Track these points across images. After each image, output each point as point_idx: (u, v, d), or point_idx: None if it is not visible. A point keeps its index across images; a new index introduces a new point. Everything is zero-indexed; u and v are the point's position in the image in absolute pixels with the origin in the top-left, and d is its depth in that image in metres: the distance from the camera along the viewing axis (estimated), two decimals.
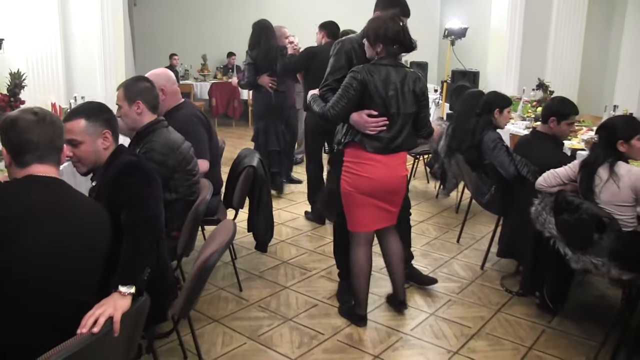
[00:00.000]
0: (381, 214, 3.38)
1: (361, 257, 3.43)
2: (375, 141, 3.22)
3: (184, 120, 3.65)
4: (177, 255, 3.07)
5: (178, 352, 3.11)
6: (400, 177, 3.35)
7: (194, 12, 11.94)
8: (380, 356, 3.15)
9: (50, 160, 2.03)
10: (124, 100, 3.06)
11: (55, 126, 2.04)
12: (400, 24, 3.16)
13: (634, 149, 3.15)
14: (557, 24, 7.43)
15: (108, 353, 1.88)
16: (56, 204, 1.96)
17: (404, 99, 3.20)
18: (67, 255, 1.91)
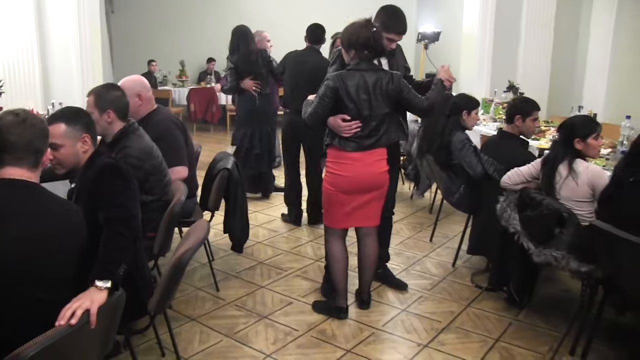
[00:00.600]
0: (361, 212, 3.52)
1: (337, 250, 3.60)
2: (351, 142, 3.38)
3: (162, 126, 3.73)
4: (153, 255, 3.15)
5: (156, 350, 3.20)
6: (378, 173, 3.46)
7: (172, 18, 11.99)
8: (353, 351, 3.26)
9: (26, 163, 2.07)
10: (94, 107, 3.07)
11: (35, 128, 2.09)
12: (371, 30, 3.30)
13: (590, 148, 3.30)
14: (526, 28, 7.61)
15: (85, 345, 1.97)
16: (28, 207, 2.01)
17: (377, 101, 3.34)
18: (42, 256, 1.97)
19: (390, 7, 3.65)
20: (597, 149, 3.35)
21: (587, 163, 3.29)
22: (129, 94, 3.56)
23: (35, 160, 2.11)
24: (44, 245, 1.98)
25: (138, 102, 3.73)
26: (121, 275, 2.09)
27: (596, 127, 3.33)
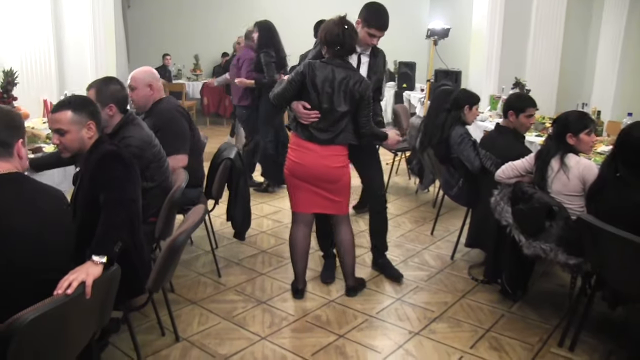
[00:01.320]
0: (319, 200, 3.68)
1: (297, 234, 3.82)
2: (306, 130, 3.56)
3: (167, 114, 3.86)
4: (155, 239, 3.27)
5: (156, 330, 3.33)
6: (332, 167, 3.58)
7: (187, 13, 12.15)
8: (345, 336, 3.36)
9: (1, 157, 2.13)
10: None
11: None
12: (342, 28, 3.41)
13: (582, 143, 3.36)
14: (536, 25, 7.64)
15: (82, 315, 2.10)
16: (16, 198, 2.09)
17: (338, 97, 3.46)
18: (38, 241, 2.08)
19: (373, 4, 3.72)
20: (589, 144, 3.41)
21: (579, 157, 3.35)
22: (140, 85, 3.83)
23: (3, 151, 2.14)
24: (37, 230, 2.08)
25: (150, 92, 3.89)
26: (117, 252, 2.22)
27: (589, 123, 3.39)
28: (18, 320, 1.74)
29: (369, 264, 4.40)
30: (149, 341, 3.23)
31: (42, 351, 1.94)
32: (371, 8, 3.69)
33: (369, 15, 3.67)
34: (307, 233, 3.83)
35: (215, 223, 5.10)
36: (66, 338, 2.07)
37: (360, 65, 3.81)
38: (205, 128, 10.51)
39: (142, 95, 3.88)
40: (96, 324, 2.27)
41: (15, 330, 1.73)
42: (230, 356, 3.13)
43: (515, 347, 3.26)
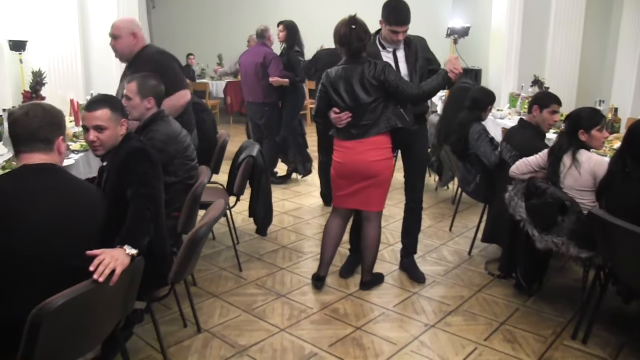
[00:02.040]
0: (354, 197, 3.78)
1: (332, 224, 3.97)
2: (342, 131, 3.69)
3: (156, 57, 3.94)
4: (177, 233, 3.40)
5: (179, 321, 3.46)
6: (370, 161, 3.64)
7: (211, 13, 12.32)
8: (362, 328, 3.45)
9: (37, 149, 2.26)
10: (137, 94, 3.35)
11: (38, 119, 2.27)
12: (350, 28, 3.50)
13: (594, 139, 3.42)
14: (555, 23, 7.65)
15: (107, 302, 2.22)
16: (51, 187, 2.25)
17: (359, 91, 3.56)
18: (67, 230, 2.22)
19: (390, 2, 3.76)
20: (600, 140, 3.46)
21: (590, 153, 3.40)
22: (123, 34, 3.89)
23: (44, 147, 2.28)
24: (68, 220, 2.22)
25: (133, 41, 3.92)
26: (144, 245, 2.34)
27: (600, 119, 3.44)
28: (47, 305, 1.85)
29: (387, 259, 4.50)
30: (171, 332, 3.36)
31: (69, 335, 2.06)
32: (388, 6, 3.74)
33: (387, 13, 3.73)
34: (342, 224, 3.98)
35: (237, 219, 5.22)
36: (91, 324, 2.19)
37: (398, 61, 3.84)
38: (228, 127, 10.67)
39: (125, 44, 3.90)
40: (120, 313, 2.39)
41: (44, 315, 1.84)
42: (250, 347, 3.24)
43: (528, 340, 3.32)
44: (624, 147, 3.07)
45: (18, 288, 2.14)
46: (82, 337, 2.16)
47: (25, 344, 1.85)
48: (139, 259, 2.29)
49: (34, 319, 1.83)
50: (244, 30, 11.95)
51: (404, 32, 3.75)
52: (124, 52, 3.94)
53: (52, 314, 1.85)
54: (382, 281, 4.10)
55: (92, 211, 2.34)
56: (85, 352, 2.31)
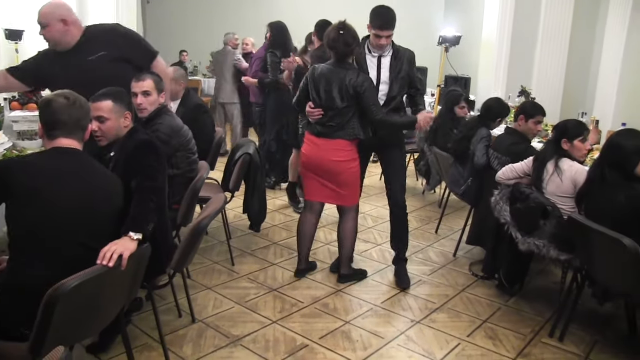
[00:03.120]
0: (325, 190, 3.98)
1: (304, 220, 4.19)
2: (313, 126, 3.94)
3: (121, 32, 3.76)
4: (176, 225, 3.52)
5: (174, 311, 3.58)
6: (333, 160, 3.86)
7: (205, 10, 12.39)
8: (351, 322, 3.60)
9: (75, 136, 2.48)
10: (154, 89, 3.52)
11: (83, 109, 2.51)
12: (338, 33, 3.69)
13: (575, 149, 3.60)
14: (543, 36, 7.87)
15: (116, 284, 2.36)
16: (75, 169, 2.43)
17: (335, 95, 3.75)
18: (86, 210, 2.36)
19: (376, 7, 3.84)
20: (582, 150, 3.64)
21: (572, 162, 3.58)
22: (51, 21, 3.47)
23: (82, 135, 2.52)
24: (91, 199, 2.38)
25: (63, 27, 3.49)
26: (149, 231, 2.47)
27: (583, 132, 3.63)
28: (63, 286, 1.98)
29: (375, 258, 4.66)
30: (167, 321, 3.48)
31: (80, 316, 2.20)
32: (373, 11, 3.85)
33: (372, 17, 3.84)
34: (312, 220, 4.18)
35: (230, 215, 5.35)
36: (101, 306, 2.33)
37: (381, 67, 3.91)
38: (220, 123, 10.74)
39: (55, 32, 3.49)
40: (125, 298, 2.52)
41: (60, 295, 1.97)
42: (243, 337, 3.37)
43: (509, 337, 3.49)
44: (603, 156, 3.25)
45: (35, 262, 2.27)
46: (92, 318, 2.29)
47: (39, 323, 1.98)
48: (146, 246, 2.43)
49: (50, 298, 1.96)
50: (238, 29, 12.02)
51: (388, 37, 3.81)
52: (57, 40, 3.52)
53: (67, 295, 1.98)
54: (363, 277, 4.25)
55: (110, 196, 2.49)
56: (93, 333, 2.46)
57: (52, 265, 2.24)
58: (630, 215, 2.97)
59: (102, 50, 3.56)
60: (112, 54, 3.58)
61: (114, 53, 3.59)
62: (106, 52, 3.57)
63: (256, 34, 6.55)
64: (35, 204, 2.27)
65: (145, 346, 3.22)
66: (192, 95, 4.53)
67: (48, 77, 3.57)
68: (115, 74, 3.41)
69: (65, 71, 3.45)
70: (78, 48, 3.57)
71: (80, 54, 3.55)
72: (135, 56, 3.70)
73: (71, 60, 3.53)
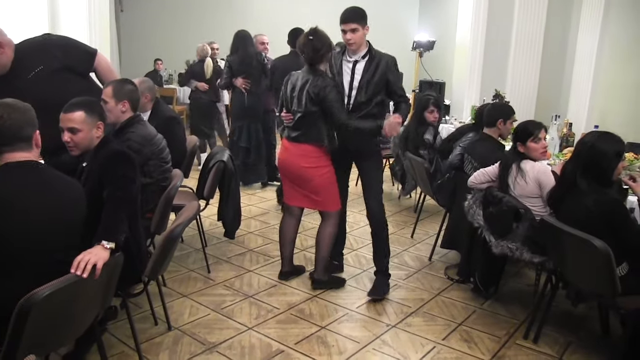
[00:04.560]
0: (299, 195, 4.06)
1: (284, 223, 4.28)
2: (285, 131, 4.04)
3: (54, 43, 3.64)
4: (150, 233, 3.51)
5: (150, 319, 3.56)
6: (302, 166, 3.91)
7: (180, 19, 12.35)
8: (327, 327, 3.61)
9: (19, 148, 2.37)
10: (112, 97, 3.45)
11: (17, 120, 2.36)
12: (307, 39, 3.75)
13: (530, 150, 3.65)
14: (516, 40, 7.98)
15: (90, 293, 2.34)
16: (34, 183, 2.37)
17: (300, 100, 3.81)
18: (51, 224, 2.34)
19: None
20: (538, 151, 3.65)
21: (534, 162, 3.63)
22: None
23: (25, 145, 2.39)
24: (52, 214, 2.34)
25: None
26: (122, 240, 2.46)
27: (534, 131, 3.65)
28: (35, 295, 1.97)
29: (351, 263, 4.67)
30: (143, 329, 3.45)
31: (53, 325, 2.18)
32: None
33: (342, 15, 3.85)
34: (292, 223, 4.24)
35: (205, 223, 5.33)
36: (74, 315, 2.31)
37: (355, 72, 3.86)
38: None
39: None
40: (100, 306, 2.51)
41: (32, 304, 1.96)
42: (219, 344, 3.36)
43: (484, 339, 3.52)
44: (579, 159, 3.20)
45: (4, 279, 2.24)
46: (66, 327, 2.28)
47: (11, 332, 1.96)
48: (118, 255, 2.42)
49: (22, 308, 1.94)
50: (213, 37, 12.02)
51: (353, 31, 3.74)
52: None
53: (39, 304, 1.96)
54: (340, 286, 4.21)
55: (74, 206, 2.46)
56: (68, 342, 2.45)
57: (18, 283, 2.20)
58: (598, 219, 3.00)
59: (39, 65, 3.44)
60: (51, 66, 3.47)
61: (52, 65, 3.48)
62: (43, 66, 3.45)
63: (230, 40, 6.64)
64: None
65: (121, 354, 3.20)
66: (163, 106, 4.49)
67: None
68: (59, 86, 3.35)
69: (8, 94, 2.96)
70: (14, 69, 3.41)
71: (18, 75, 3.40)
72: (74, 62, 3.60)
73: (10, 83, 3.33)
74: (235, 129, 6.80)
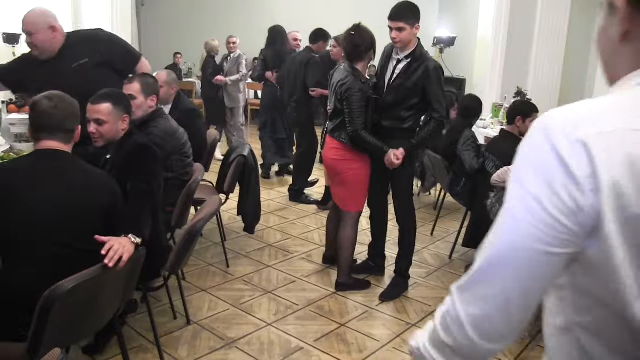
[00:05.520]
0: (333, 189, 4.11)
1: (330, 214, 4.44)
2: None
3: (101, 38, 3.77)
4: (171, 227, 3.50)
5: (169, 313, 3.56)
6: (331, 158, 3.94)
7: (200, 12, 12.36)
8: (346, 325, 3.58)
9: (58, 137, 2.41)
10: (140, 92, 3.44)
11: (67, 111, 2.43)
12: (348, 34, 3.77)
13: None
14: (539, 36, 7.84)
15: (112, 286, 2.35)
16: (55, 170, 2.39)
17: (333, 96, 3.86)
18: (64, 210, 2.33)
19: None
20: None
21: None
22: (41, 28, 3.45)
23: (66, 136, 2.45)
24: (70, 199, 2.35)
25: (52, 34, 3.50)
26: (147, 236, 2.46)
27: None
28: (59, 288, 1.96)
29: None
30: (162, 323, 3.46)
31: (76, 318, 2.19)
32: None
33: None
34: (332, 216, 4.33)
35: (225, 217, 5.33)
36: (97, 308, 2.31)
37: (395, 70, 3.73)
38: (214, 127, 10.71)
39: (44, 39, 3.47)
40: (121, 300, 2.50)
41: (57, 296, 1.95)
42: (238, 339, 3.35)
43: None
44: None
45: (25, 264, 2.26)
46: (88, 320, 2.28)
47: (36, 324, 1.96)
48: (141, 249, 2.41)
49: (47, 300, 1.94)
50: (232, 32, 12.02)
51: (398, 30, 3.57)
52: (45, 48, 3.50)
53: (63, 297, 1.96)
54: (364, 288, 4.12)
55: (93, 195, 2.44)
56: (89, 334, 2.45)
57: (36, 269, 2.22)
58: None
59: (85, 57, 3.56)
60: (95, 60, 3.57)
61: (97, 59, 3.58)
62: (88, 59, 3.56)
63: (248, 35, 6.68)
64: (9, 209, 2.26)
65: (140, 348, 3.21)
66: (184, 99, 4.52)
67: (30, 82, 3.50)
68: (98, 80, 3.37)
69: (49, 78, 3.30)
70: (61, 55, 3.55)
71: (63, 61, 3.52)
72: (117, 61, 3.70)
73: (54, 68, 3.49)
74: (268, 122, 6.88)
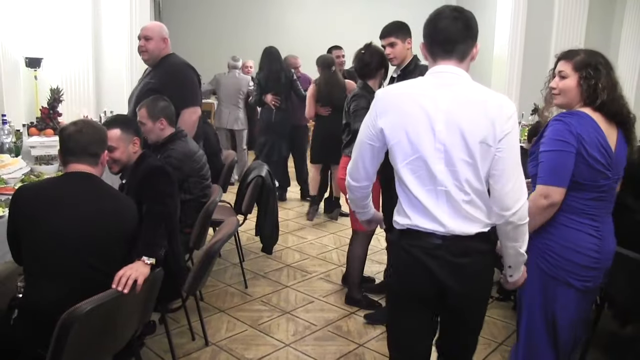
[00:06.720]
0: None
1: None
2: None
3: (180, 68, 4.14)
4: (189, 248, 3.52)
5: (187, 334, 3.56)
6: (340, 178, 3.95)
7: (214, 30, 12.46)
8: (365, 345, 3.56)
9: (85, 161, 2.47)
10: (147, 118, 3.49)
11: (91, 136, 2.49)
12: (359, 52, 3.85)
13: None
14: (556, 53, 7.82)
15: (129, 309, 2.36)
16: (82, 193, 2.44)
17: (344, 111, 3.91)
18: (90, 233, 2.36)
19: None
20: None
21: None
22: (156, 37, 4.07)
23: (92, 160, 2.50)
24: (96, 222, 2.38)
25: (163, 45, 4.12)
26: (161, 255, 2.47)
27: None
28: (77, 310, 1.99)
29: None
30: (180, 344, 3.46)
31: (94, 340, 2.20)
32: None
33: None
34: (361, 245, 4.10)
35: (243, 238, 5.34)
36: (114, 330, 2.33)
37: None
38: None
39: (156, 47, 4.07)
40: (138, 322, 2.52)
41: (74, 318, 1.98)
42: None
43: None
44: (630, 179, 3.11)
45: (48, 284, 2.30)
46: (106, 341, 2.29)
47: (55, 345, 1.98)
48: (158, 270, 2.43)
49: (65, 321, 1.97)
50: (248, 47, 12.08)
51: (390, 45, 3.65)
52: (154, 54, 4.07)
53: (81, 319, 1.98)
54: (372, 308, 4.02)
55: (121, 220, 2.48)
56: (107, 356, 2.44)
57: (60, 287, 2.26)
58: None
59: (154, 79, 4.00)
60: (155, 86, 3.92)
61: (156, 86, 3.92)
62: (154, 82, 3.97)
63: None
64: (37, 230, 2.32)
65: None
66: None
67: None
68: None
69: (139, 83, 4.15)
70: (155, 67, 4.11)
71: (149, 75, 4.13)
72: (166, 91, 3.79)
73: (146, 75, 4.22)
74: (261, 144, 6.77)
